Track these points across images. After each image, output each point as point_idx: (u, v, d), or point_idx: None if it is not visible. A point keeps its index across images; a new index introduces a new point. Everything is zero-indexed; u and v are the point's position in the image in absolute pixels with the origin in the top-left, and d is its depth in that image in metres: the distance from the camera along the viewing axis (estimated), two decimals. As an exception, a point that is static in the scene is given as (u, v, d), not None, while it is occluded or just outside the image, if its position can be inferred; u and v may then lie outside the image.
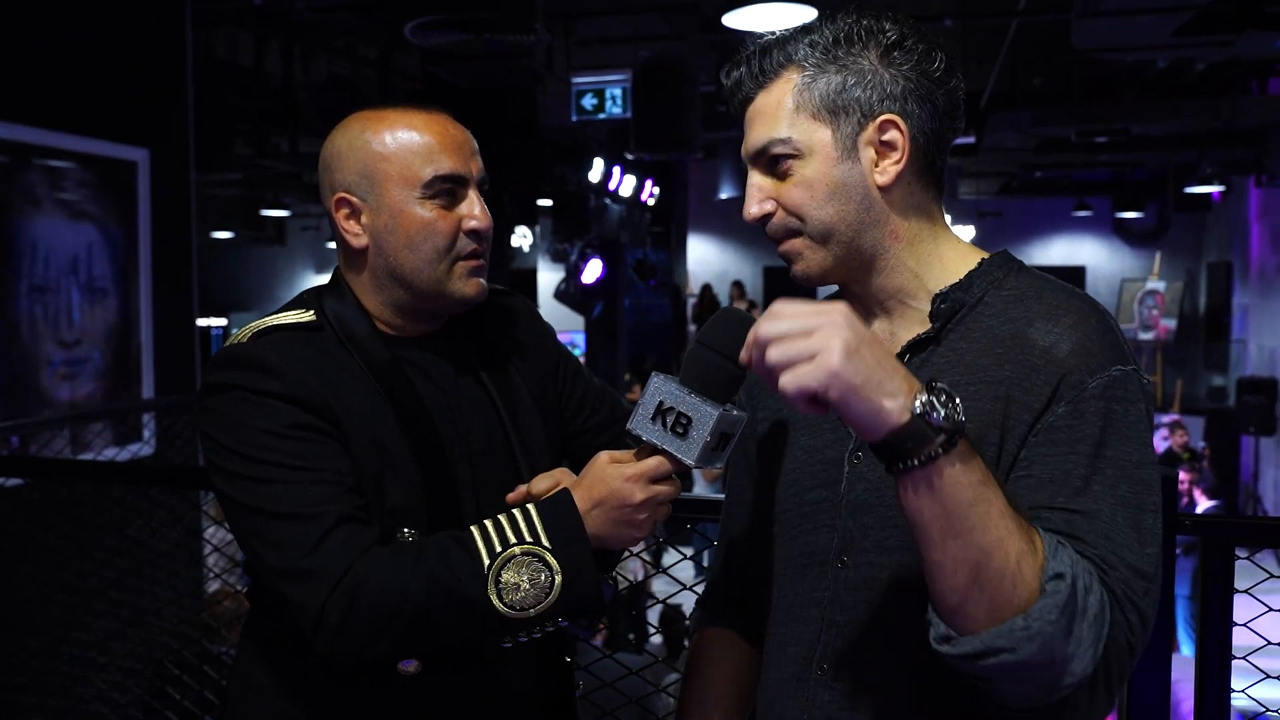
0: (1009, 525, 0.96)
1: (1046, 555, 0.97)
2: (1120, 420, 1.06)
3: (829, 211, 1.15)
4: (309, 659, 1.29)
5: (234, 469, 1.29)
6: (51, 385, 3.48)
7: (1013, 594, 0.96)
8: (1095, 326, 1.09)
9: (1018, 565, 0.96)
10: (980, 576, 0.96)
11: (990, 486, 0.96)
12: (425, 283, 1.38)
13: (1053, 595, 0.96)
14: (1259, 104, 9.13)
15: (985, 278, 1.17)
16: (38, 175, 3.43)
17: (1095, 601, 0.98)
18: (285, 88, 7.31)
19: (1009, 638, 0.96)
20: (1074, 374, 1.06)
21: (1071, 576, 0.97)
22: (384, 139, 1.37)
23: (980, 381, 1.10)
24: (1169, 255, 14.59)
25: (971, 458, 0.96)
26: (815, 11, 4.39)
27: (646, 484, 1.25)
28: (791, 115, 1.15)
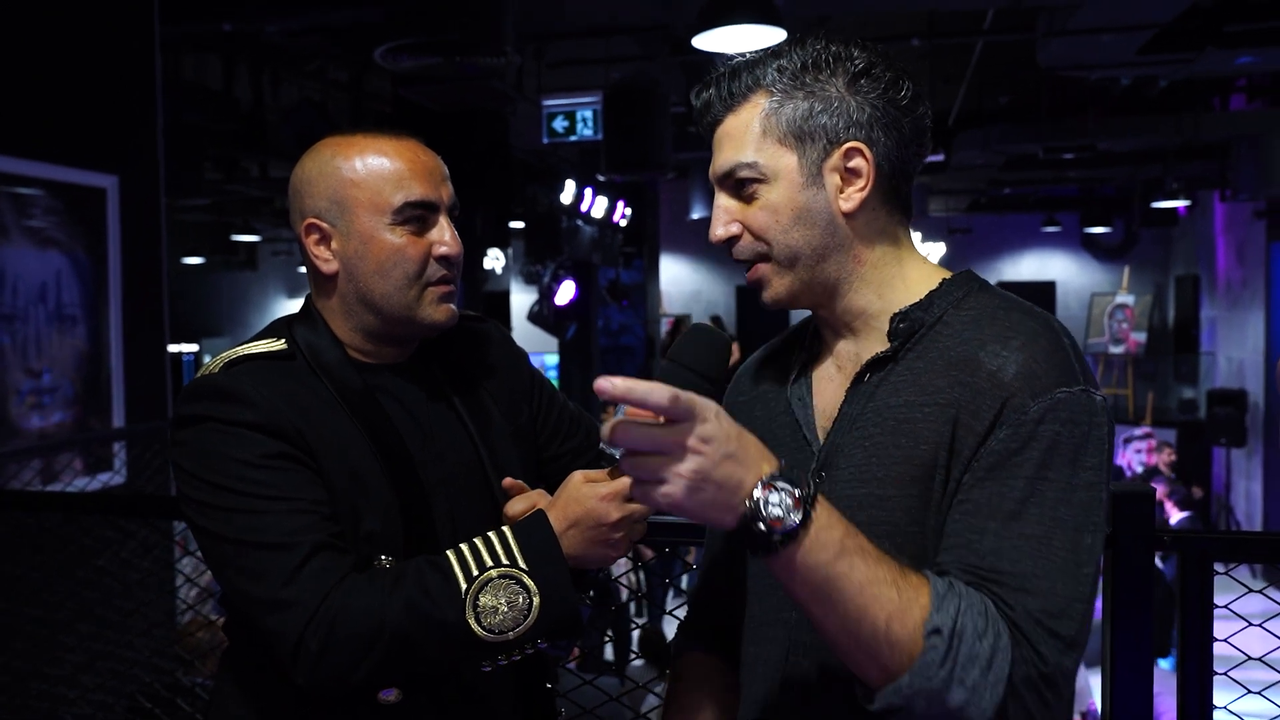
0: (873, 592, 0.99)
1: (931, 608, 1.00)
2: (1063, 443, 1.06)
3: (794, 236, 1.17)
4: (288, 690, 1.28)
5: (208, 500, 1.28)
6: (20, 414, 3.43)
7: (891, 655, 1.00)
8: (1043, 348, 1.10)
9: (888, 628, 0.99)
10: (856, 642, 1.01)
11: (846, 558, 0.98)
12: (395, 309, 1.38)
13: (930, 652, 0.99)
14: (1221, 119, 9.28)
15: (945, 297, 1.18)
16: (5, 203, 3.39)
17: (988, 646, 1.00)
18: (255, 112, 7.28)
19: (899, 695, 1.00)
20: (1016, 397, 1.07)
21: (953, 629, 0.99)
22: (354, 165, 1.37)
23: (934, 403, 1.12)
24: (1137, 269, 14.76)
25: (822, 536, 0.97)
26: (784, 33, 4.44)
27: (621, 503, 1.26)
28: (758, 139, 1.17)
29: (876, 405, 1.16)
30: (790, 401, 1.27)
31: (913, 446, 1.12)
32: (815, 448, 1.21)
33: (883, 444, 1.14)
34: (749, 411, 1.34)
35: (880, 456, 1.14)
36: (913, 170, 1.20)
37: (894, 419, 1.14)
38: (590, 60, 7.15)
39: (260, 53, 6.88)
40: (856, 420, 1.17)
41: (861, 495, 1.13)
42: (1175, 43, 6.48)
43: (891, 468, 1.13)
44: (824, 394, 1.25)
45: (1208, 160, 10.14)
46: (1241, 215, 11.09)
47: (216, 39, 6.32)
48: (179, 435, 1.33)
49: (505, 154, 7.83)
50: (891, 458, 1.13)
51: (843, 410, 1.20)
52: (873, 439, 1.15)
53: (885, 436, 1.14)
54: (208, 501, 1.28)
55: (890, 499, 1.13)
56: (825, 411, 1.23)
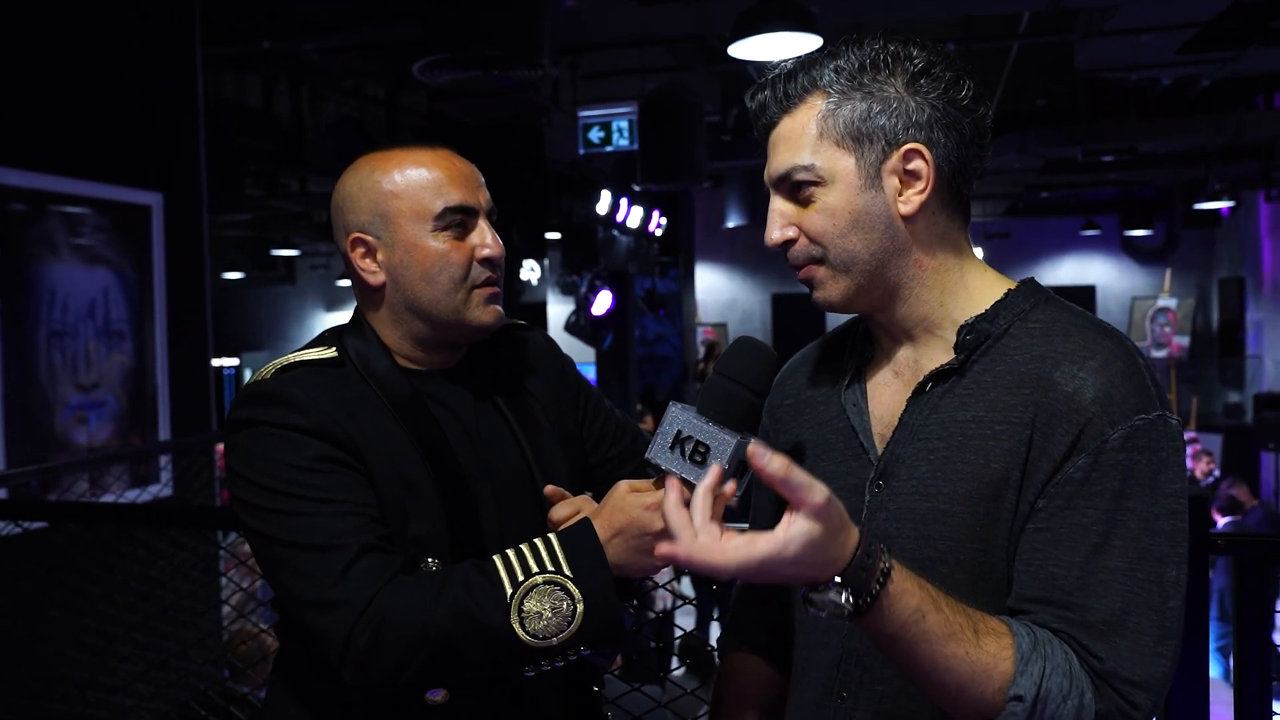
0: (951, 651, 1.01)
1: (1015, 671, 1.01)
2: (1142, 471, 1.05)
3: (851, 240, 1.15)
4: (340, 692, 1.29)
5: (259, 502, 1.30)
6: (68, 429, 3.49)
7: (975, 711, 1.03)
8: (1121, 370, 1.07)
9: (969, 689, 1.02)
10: (941, 695, 1.05)
11: (916, 625, 1.00)
12: (444, 313, 1.40)
13: (1008, 717, 1.02)
14: (1266, 118, 9.14)
15: (1011, 309, 1.15)
16: (55, 222, 3.47)
17: (1072, 708, 1.02)
18: (294, 129, 7.37)
19: None
20: (1095, 423, 1.05)
21: (1037, 695, 1.01)
22: (393, 177, 1.40)
23: (1005, 421, 1.10)
24: (1179, 272, 14.55)
25: (894, 604, 1.00)
26: (820, 40, 4.44)
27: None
28: (815, 141, 1.14)
29: (941, 418, 1.14)
30: (845, 407, 1.24)
31: (983, 464, 1.10)
32: (873, 456, 1.20)
33: (949, 459, 1.12)
34: (797, 416, 1.32)
35: (946, 471, 1.12)
36: (974, 173, 1.18)
37: (961, 434, 1.12)
38: (625, 71, 7.18)
39: (299, 71, 6.97)
40: (919, 431, 1.15)
41: (925, 509, 1.12)
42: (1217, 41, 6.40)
43: (958, 484, 1.11)
44: (881, 401, 1.22)
45: (1252, 160, 9.99)
46: (1287, 215, 10.91)
47: (256, 58, 6.42)
48: (232, 439, 1.35)
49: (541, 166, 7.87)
50: (959, 473, 1.11)
51: (904, 420, 1.17)
52: (938, 452, 1.13)
53: (952, 451, 1.12)
54: (259, 504, 1.30)
55: (955, 514, 1.11)
56: (883, 419, 1.21)
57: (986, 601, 1.09)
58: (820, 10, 4.53)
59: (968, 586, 1.10)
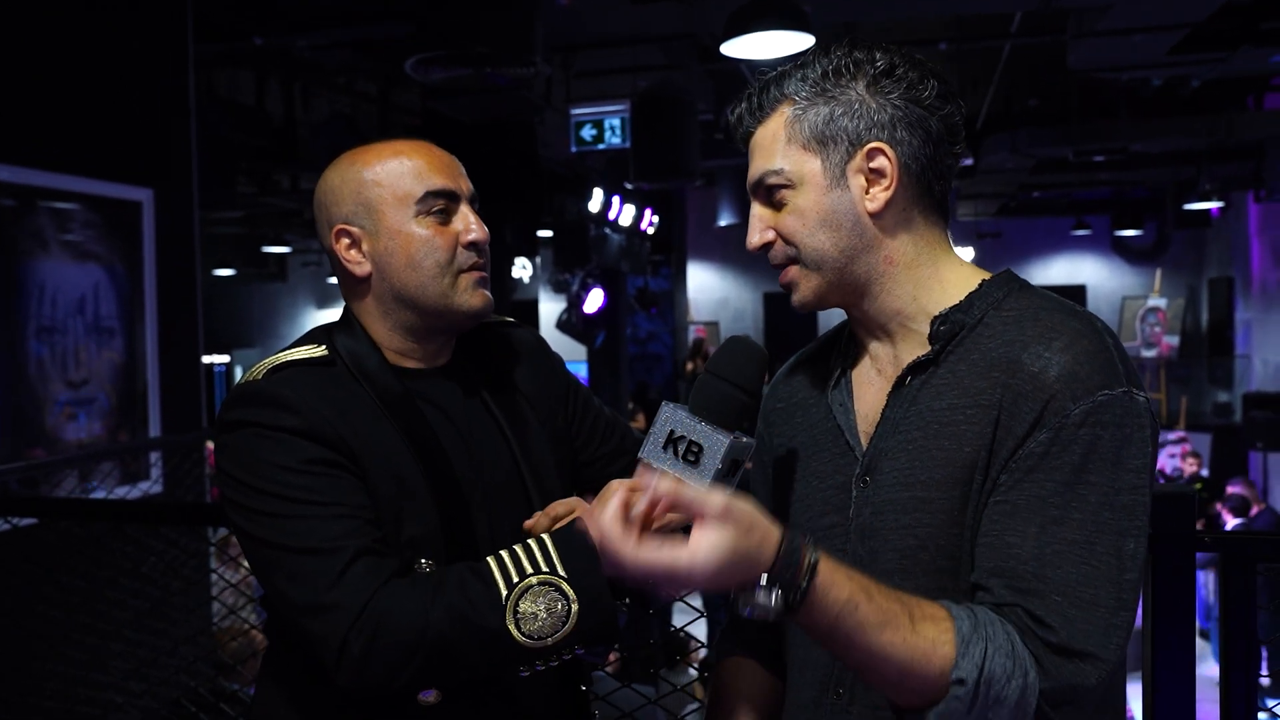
0: (887, 639, 1.03)
1: (956, 655, 1.02)
2: (1105, 446, 1.06)
3: (820, 239, 1.19)
4: (329, 693, 1.29)
5: (252, 505, 1.30)
6: (58, 425, 3.48)
7: (917, 696, 1.04)
8: (1087, 348, 1.09)
9: (900, 680, 1.04)
10: (882, 682, 1.07)
11: (850, 616, 1.03)
12: (431, 299, 1.40)
13: (953, 701, 1.02)
14: (1256, 119, 9.17)
15: (985, 299, 1.18)
16: (45, 217, 3.45)
17: (1016, 687, 1.02)
18: (286, 125, 7.36)
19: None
20: (1058, 399, 1.07)
21: (979, 678, 1.02)
22: (374, 168, 1.41)
23: (975, 404, 1.12)
24: (1169, 272, 14.61)
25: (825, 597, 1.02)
26: (812, 39, 4.44)
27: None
28: (784, 147, 1.20)
29: (919, 409, 1.16)
30: (831, 407, 1.27)
31: (955, 449, 1.12)
32: (858, 452, 1.22)
33: (925, 447, 1.15)
34: (789, 419, 1.35)
35: (923, 460, 1.14)
36: (946, 168, 1.20)
37: (937, 422, 1.14)
38: (617, 70, 7.18)
39: (291, 67, 6.95)
40: (899, 424, 1.18)
41: (905, 499, 1.14)
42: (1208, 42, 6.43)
43: (934, 470, 1.13)
44: (865, 398, 1.25)
45: (1242, 160, 10.03)
46: (1277, 216, 10.97)
47: (248, 54, 6.40)
48: (223, 440, 1.35)
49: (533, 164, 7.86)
50: (934, 460, 1.14)
51: (885, 414, 1.20)
52: (915, 443, 1.16)
53: (928, 440, 1.15)
54: (251, 506, 1.30)
55: (932, 501, 1.13)
56: (867, 416, 1.24)
57: (970, 585, 1.11)
58: (812, 9, 4.53)
59: (950, 571, 1.13)
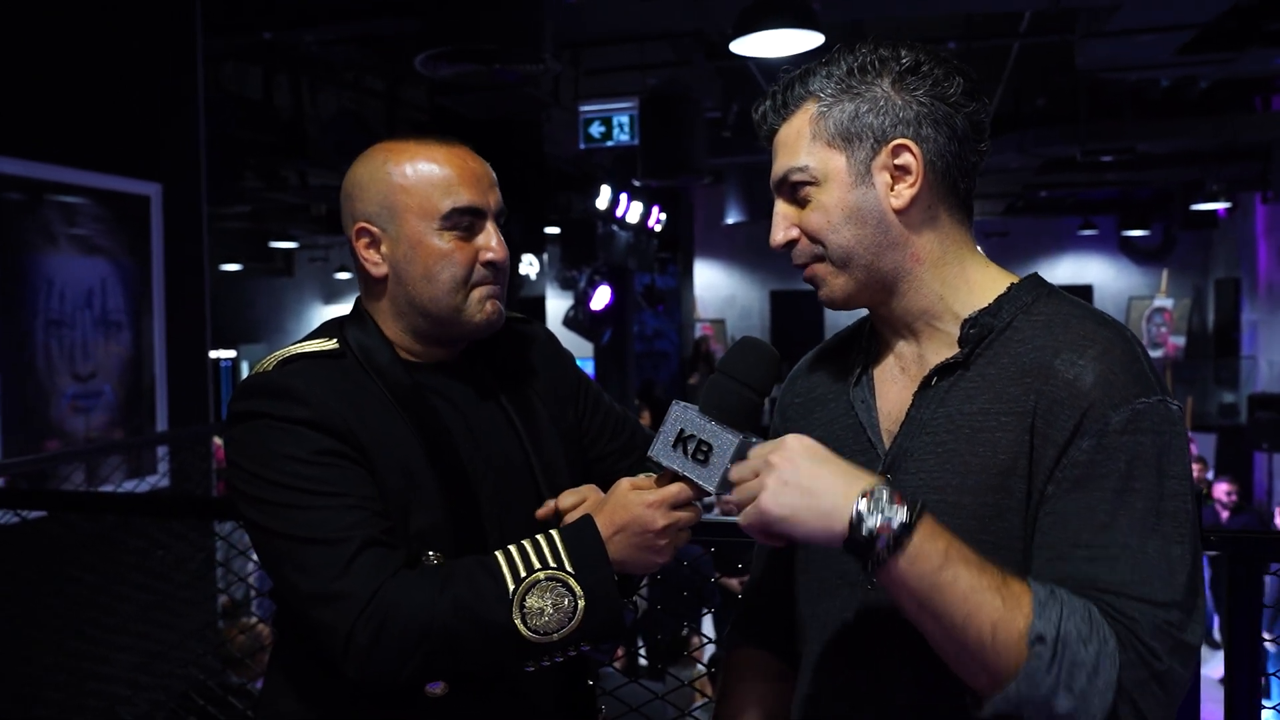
0: (976, 601, 1.00)
1: (1034, 615, 1.00)
2: (1148, 453, 1.06)
3: (846, 235, 1.18)
4: (336, 684, 1.30)
5: (261, 495, 1.30)
6: (65, 418, 3.50)
7: (998, 662, 1.01)
8: (1120, 357, 1.09)
9: (993, 636, 1.01)
10: (963, 649, 1.03)
11: (950, 568, 1.01)
12: (442, 311, 1.40)
13: (1035, 659, 1.00)
14: (1263, 120, 9.15)
15: (1014, 302, 1.17)
16: (53, 211, 3.47)
17: (1093, 652, 1.00)
18: (294, 120, 7.37)
19: (1009, 702, 1.01)
20: (1097, 407, 1.07)
21: (1057, 635, 1.00)
22: (404, 170, 1.39)
23: (1010, 412, 1.12)
24: (1176, 272, 14.57)
25: (925, 546, 1.01)
26: (821, 38, 4.44)
27: (668, 510, 1.27)
28: (809, 144, 1.19)
29: (948, 411, 1.16)
30: (853, 403, 1.26)
31: (990, 455, 1.12)
32: (880, 451, 1.21)
33: (957, 451, 1.14)
34: (806, 414, 1.34)
35: (954, 464, 1.14)
36: (971, 165, 1.20)
37: (969, 426, 1.14)
38: (626, 67, 7.18)
39: (299, 63, 6.96)
40: (927, 425, 1.17)
41: (934, 502, 1.12)
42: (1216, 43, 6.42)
43: (967, 476, 1.13)
44: (887, 396, 1.24)
45: (1249, 161, 10.00)
46: (1284, 217, 10.93)
47: (257, 49, 6.41)
48: (233, 431, 1.35)
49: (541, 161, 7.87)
50: (968, 466, 1.13)
51: (910, 414, 1.19)
52: (945, 445, 1.15)
53: (960, 444, 1.14)
54: (260, 497, 1.30)
55: (964, 506, 1.12)
56: (890, 414, 1.23)
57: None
58: (821, 7, 4.52)
59: None
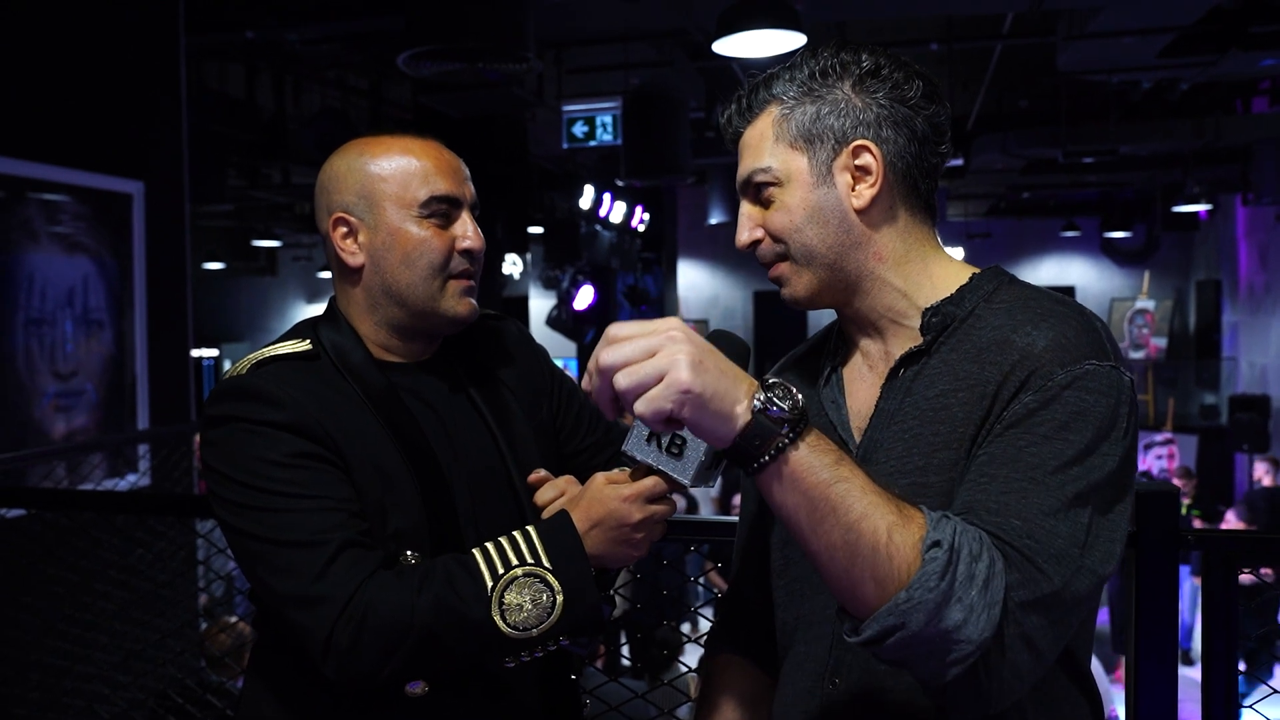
0: (873, 500, 0.99)
1: (928, 526, 0.99)
2: (1089, 410, 1.06)
3: (808, 235, 1.20)
4: (317, 686, 1.30)
5: (238, 499, 1.30)
6: (46, 417, 3.47)
7: (890, 567, 0.98)
8: (1074, 326, 1.11)
9: (889, 536, 0.98)
10: (855, 555, 0.99)
11: (846, 465, 1.00)
12: (419, 300, 1.41)
13: (930, 563, 0.97)
14: (1243, 123, 9.22)
15: (976, 292, 1.20)
16: (34, 208, 3.44)
17: (984, 567, 0.99)
18: (277, 119, 7.35)
19: (896, 613, 0.98)
20: (1045, 366, 1.08)
21: (951, 544, 0.98)
22: (381, 162, 1.41)
23: (967, 387, 1.14)
24: (1158, 274, 14.68)
25: (820, 442, 1.00)
26: (804, 38, 4.45)
27: (643, 504, 1.28)
28: (772, 146, 1.21)
29: (914, 399, 1.17)
30: (824, 404, 1.28)
31: (950, 432, 1.13)
32: (851, 446, 1.23)
33: (921, 434, 1.16)
34: None
35: (919, 446, 1.15)
36: (933, 167, 1.22)
37: (931, 409, 1.16)
38: (609, 66, 7.19)
39: (282, 61, 6.94)
40: (895, 415, 1.19)
41: (904, 485, 1.13)
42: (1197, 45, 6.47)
43: (931, 456, 1.14)
44: (857, 394, 1.26)
45: (1229, 164, 10.09)
46: (1264, 219, 11.02)
47: (240, 47, 6.39)
48: (208, 435, 1.35)
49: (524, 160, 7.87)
50: (931, 445, 1.15)
51: (879, 406, 1.21)
52: (911, 431, 1.17)
53: (924, 427, 1.16)
54: (237, 500, 1.30)
55: (931, 485, 1.14)
56: (859, 411, 1.25)
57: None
58: (804, 8, 4.54)
59: None
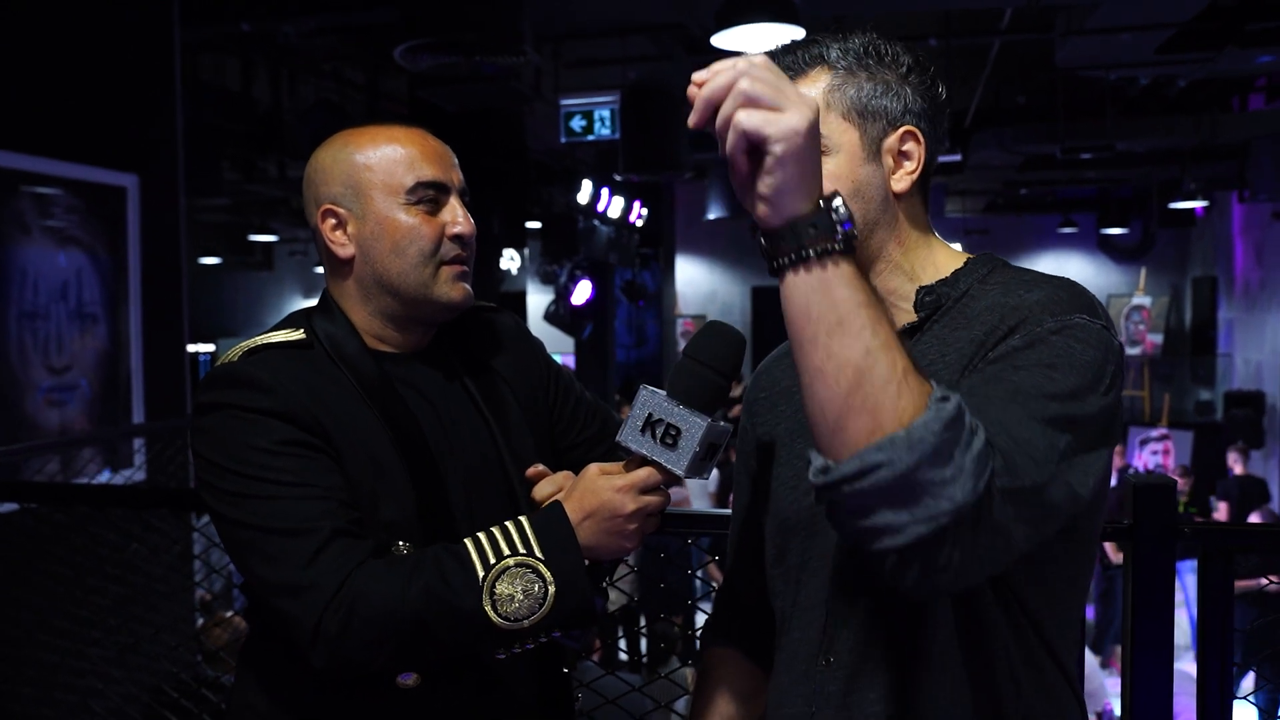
0: (897, 340, 0.95)
1: (935, 388, 0.95)
2: (1076, 357, 1.05)
3: (852, 207, 1.17)
4: (307, 677, 1.29)
5: (227, 487, 1.29)
6: (39, 412, 3.46)
7: (895, 404, 0.92)
8: (1068, 289, 1.13)
9: (903, 375, 0.93)
10: (864, 381, 0.93)
11: (881, 305, 0.96)
12: (412, 288, 1.40)
13: (939, 410, 0.92)
14: (1240, 120, 9.23)
15: (970, 274, 1.22)
16: (27, 202, 3.43)
17: (981, 441, 0.94)
18: (273, 112, 7.33)
19: (888, 450, 0.91)
20: (1034, 314, 1.09)
21: (960, 404, 0.93)
22: (367, 152, 1.41)
23: (955, 349, 1.15)
24: (1154, 270, 14.69)
25: (862, 274, 0.97)
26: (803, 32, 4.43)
27: (637, 495, 1.27)
28: (824, 112, 1.18)
29: None
30: None
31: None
32: None
33: None
34: (772, 407, 1.34)
35: None
36: (937, 168, 1.26)
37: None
38: (607, 60, 7.17)
39: (277, 54, 6.92)
40: None
41: None
42: (1195, 42, 6.47)
43: None
44: None
45: (1226, 161, 10.09)
46: (1260, 216, 11.03)
47: (235, 40, 6.37)
48: (199, 422, 1.34)
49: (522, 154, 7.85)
50: None
51: None
52: None
53: None
54: (226, 488, 1.29)
55: None
56: None
57: None
58: (802, 2, 4.53)
59: None
